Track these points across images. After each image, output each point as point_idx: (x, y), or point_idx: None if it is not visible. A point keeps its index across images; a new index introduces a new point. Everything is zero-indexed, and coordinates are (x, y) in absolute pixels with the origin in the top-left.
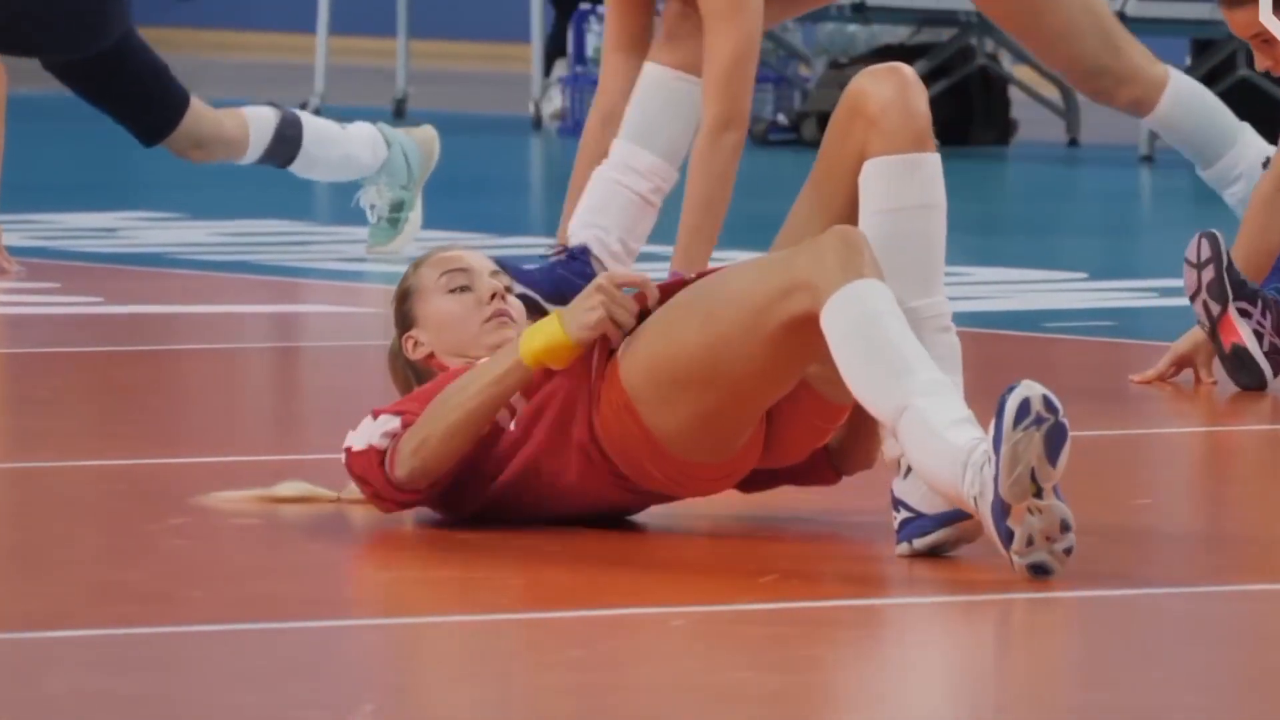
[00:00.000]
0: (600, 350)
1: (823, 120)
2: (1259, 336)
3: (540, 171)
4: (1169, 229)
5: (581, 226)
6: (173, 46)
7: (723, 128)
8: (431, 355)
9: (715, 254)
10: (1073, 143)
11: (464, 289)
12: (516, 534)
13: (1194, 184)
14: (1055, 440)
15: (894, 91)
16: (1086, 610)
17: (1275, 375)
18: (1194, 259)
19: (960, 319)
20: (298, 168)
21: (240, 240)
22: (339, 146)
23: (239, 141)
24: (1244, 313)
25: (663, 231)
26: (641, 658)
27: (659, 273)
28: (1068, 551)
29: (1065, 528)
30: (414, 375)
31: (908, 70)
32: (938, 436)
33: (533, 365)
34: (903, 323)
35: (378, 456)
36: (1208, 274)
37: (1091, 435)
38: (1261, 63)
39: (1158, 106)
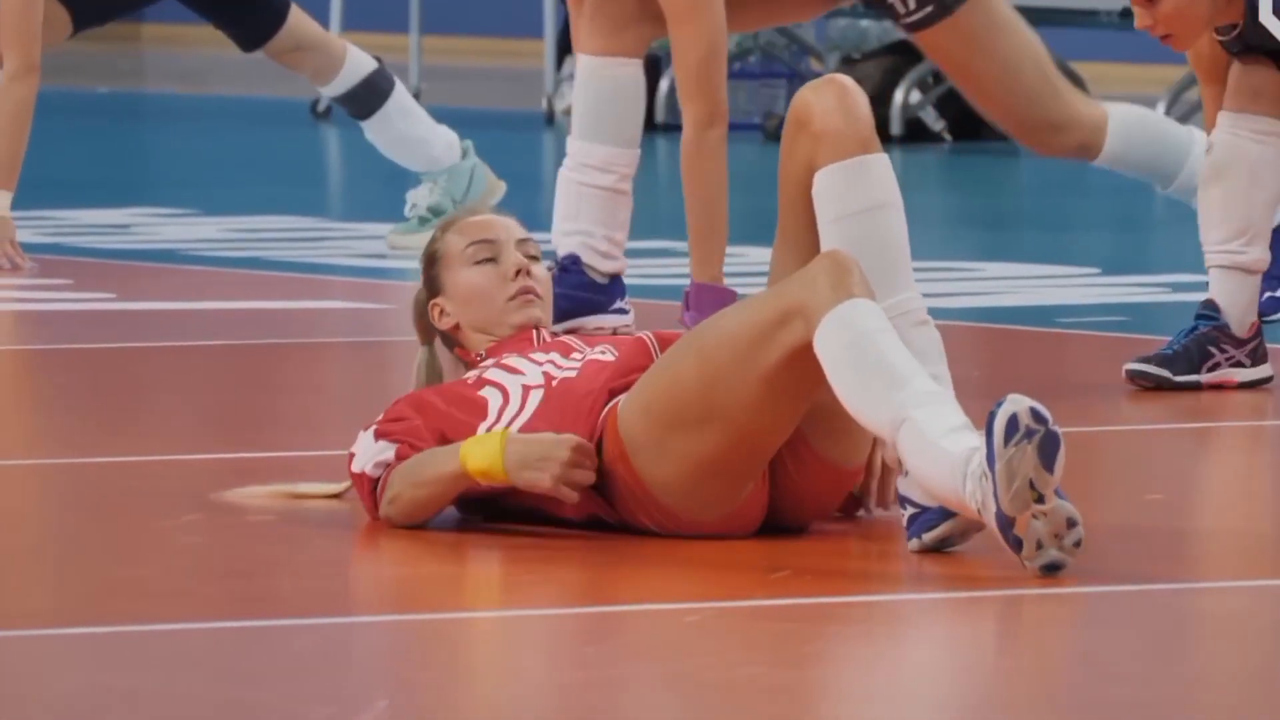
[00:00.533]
0: (598, 402)
1: None
2: (1239, 364)
3: (553, 167)
4: (1181, 224)
5: (564, 235)
6: (185, 43)
7: (705, 125)
8: (457, 326)
9: (729, 249)
10: None
11: (490, 260)
12: (529, 531)
13: None
14: (1049, 449)
15: (834, 100)
16: (1097, 606)
17: (1267, 360)
18: (1144, 387)
19: (972, 314)
20: (371, 124)
21: (253, 236)
22: (419, 128)
23: (335, 60)
24: (1214, 368)
25: (666, 226)
26: (654, 653)
27: (667, 269)
28: (1077, 544)
29: (1072, 523)
30: (441, 337)
31: (846, 79)
32: (935, 446)
33: (472, 478)
34: (894, 338)
35: (370, 483)
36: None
37: (1103, 430)
38: (1141, 21)
39: (1104, 149)
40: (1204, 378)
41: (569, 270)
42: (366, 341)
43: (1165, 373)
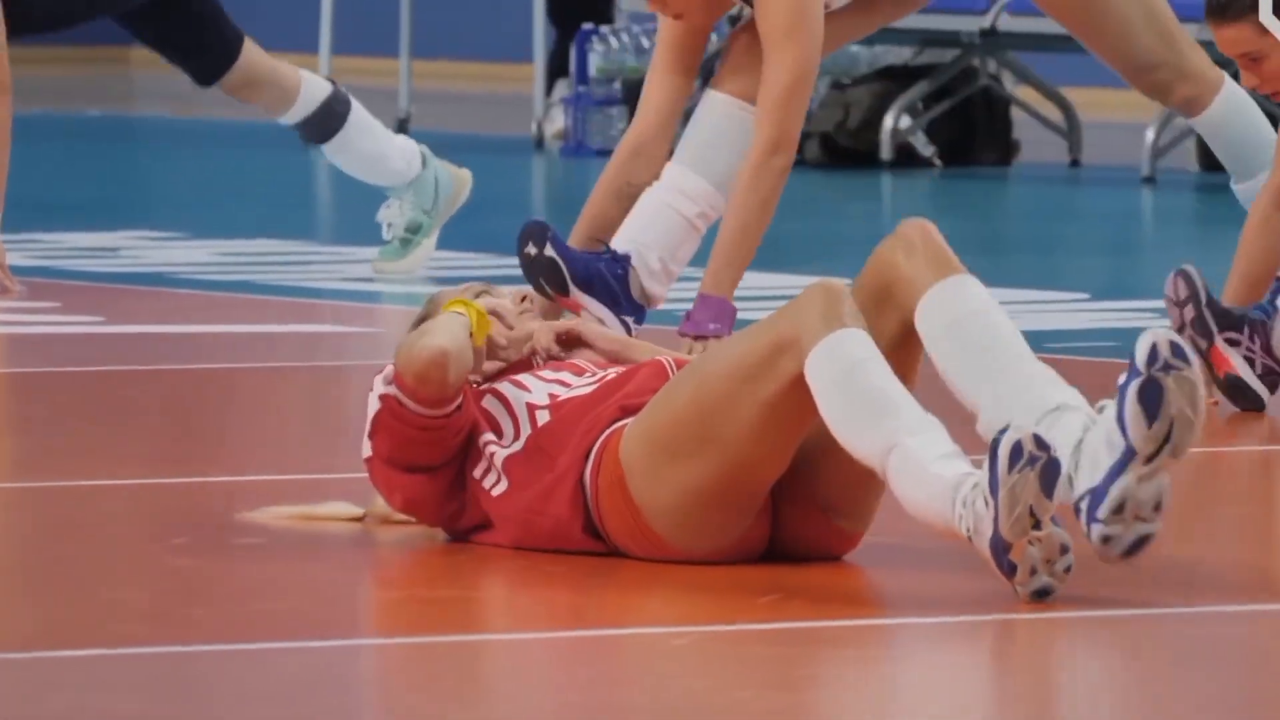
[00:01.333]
0: (605, 416)
1: (825, 140)
2: (1250, 362)
3: (542, 192)
4: (1171, 249)
5: (625, 240)
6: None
7: (771, 151)
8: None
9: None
10: (1075, 163)
11: (486, 295)
12: (519, 555)
13: (1196, 204)
14: (1049, 476)
15: (920, 239)
16: (1087, 631)
17: (1273, 393)
18: (1173, 297)
19: None
20: (331, 148)
21: (242, 260)
22: (378, 143)
23: (290, 89)
24: (1232, 342)
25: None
26: (644, 677)
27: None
28: (1067, 570)
29: (1064, 550)
30: None
31: (923, 222)
32: (927, 471)
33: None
34: (884, 366)
35: (393, 400)
36: (1189, 312)
37: None
38: (1248, 80)
39: (1209, 108)
40: (1218, 341)
41: (618, 260)
42: (355, 365)
43: (1207, 296)
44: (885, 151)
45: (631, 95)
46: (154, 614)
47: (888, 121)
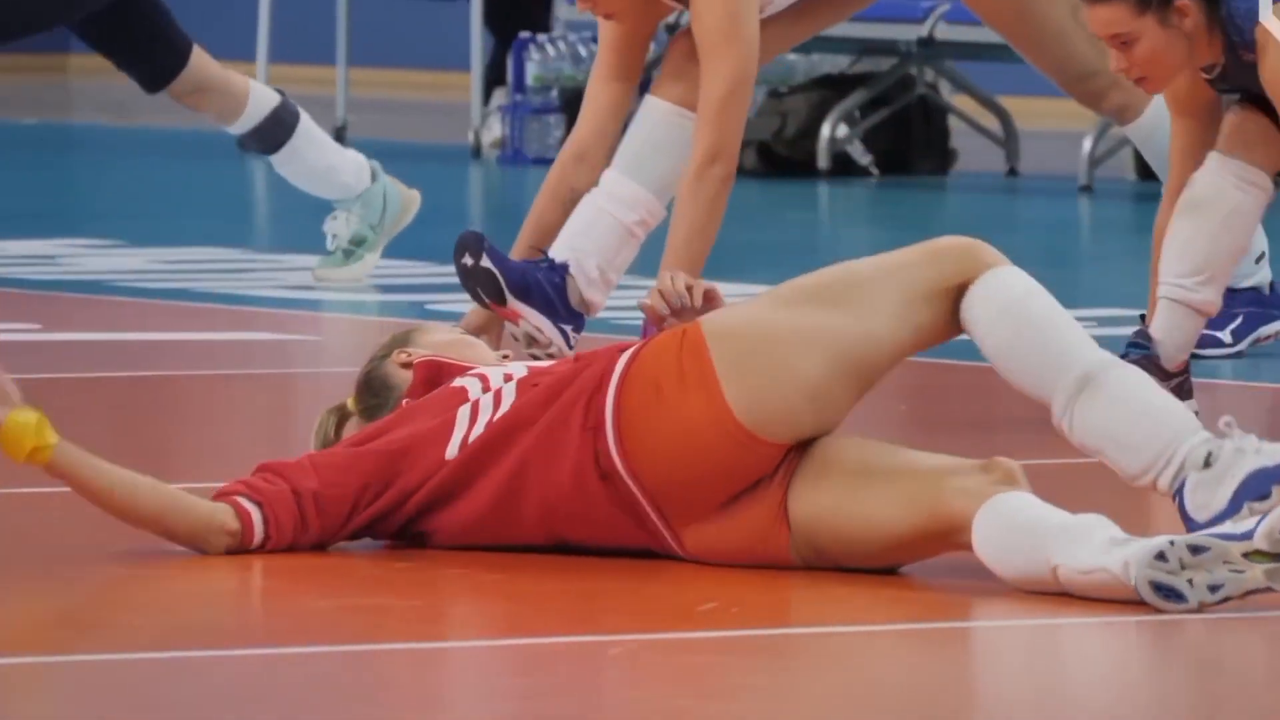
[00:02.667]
0: (612, 363)
1: (761, 149)
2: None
3: (479, 200)
4: (1108, 260)
5: (563, 247)
6: (113, 74)
7: (711, 160)
8: (432, 357)
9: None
10: (1012, 172)
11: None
12: (454, 563)
13: (1133, 215)
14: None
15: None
16: (1032, 637)
17: (1192, 397)
18: None
19: None
20: (280, 158)
21: (180, 268)
22: (327, 156)
23: (238, 98)
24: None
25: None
26: (579, 686)
27: (617, 300)
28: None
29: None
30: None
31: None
32: (1157, 390)
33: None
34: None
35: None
36: None
37: (1032, 464)
38: (1117, 64)
39: (1142, 116)
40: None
41: (555, 269)
42: (292, 373)
43: None
44: (822, 160)
45: (569, 103)
46: (87, 622)
47: (825, 130)
